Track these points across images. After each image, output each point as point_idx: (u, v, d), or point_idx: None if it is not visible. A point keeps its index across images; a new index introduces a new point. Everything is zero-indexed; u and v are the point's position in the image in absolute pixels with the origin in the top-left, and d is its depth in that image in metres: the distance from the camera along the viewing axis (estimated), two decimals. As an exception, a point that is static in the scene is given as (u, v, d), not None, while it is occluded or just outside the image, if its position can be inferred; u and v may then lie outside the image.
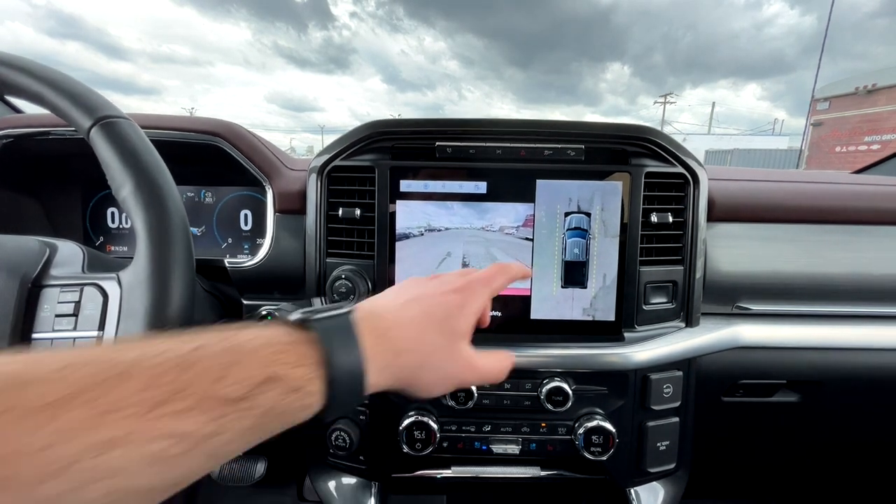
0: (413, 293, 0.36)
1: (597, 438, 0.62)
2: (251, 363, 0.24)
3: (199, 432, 0.22)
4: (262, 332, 0.27)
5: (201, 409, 0.22)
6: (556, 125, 0.65)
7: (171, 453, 0.21)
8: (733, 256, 0.70)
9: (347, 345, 0.28)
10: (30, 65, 0.43)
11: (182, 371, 0.22)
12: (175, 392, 0.21)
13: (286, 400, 0.25)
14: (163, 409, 0.21)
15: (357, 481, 0.72)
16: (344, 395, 0.28)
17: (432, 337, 0.33)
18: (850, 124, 17.64)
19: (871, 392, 0.74)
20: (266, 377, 0.24)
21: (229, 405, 0.23)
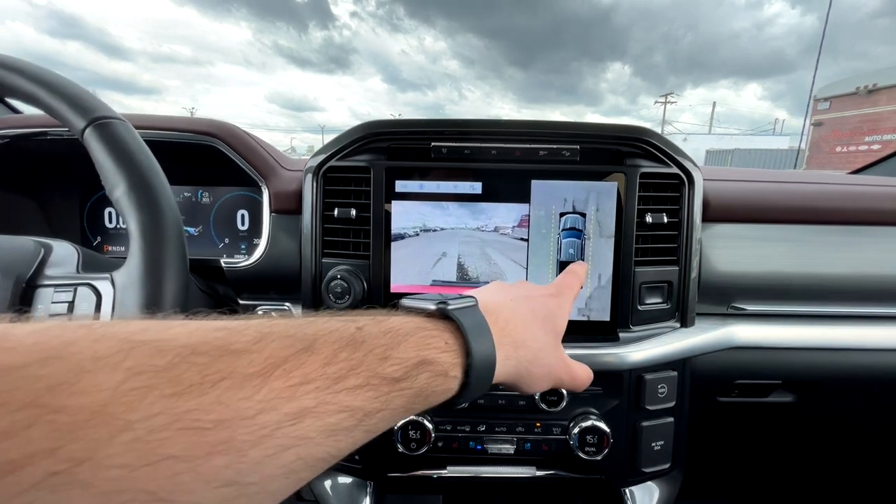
0: (518, 292, 0.38)
1: (591, 438, 0.63)
2: (408, 346, 0.26)
3: (368, 407, 0.23)
4: (411, 319, 0.29)
5: (371, 387, 0.24)
6: (552, 126, 0.65)
7: (345, 426, 0.22)
8: (728, 257, 0.70)
9: (482, 335, 0.30)
10: (25, 66, 0.44)
11: (354, 349, 0.24)
12: (350, 369, 0.23)
13: (434, 382, 0.27)
14: (343, 383, 0.22)
15: (353, 481, 0.72)
16: (478, 381, 0.29)
17: (541, 334, 0.36)
18: (850, 124, 17.63)
19: (865, 392, 0.74)
20: (420, 360, 0.26)
21: (392, 384, 0.25)
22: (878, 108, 16.77)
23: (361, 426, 0.24)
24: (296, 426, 0.20)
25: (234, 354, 0.20)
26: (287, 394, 0.20)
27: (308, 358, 0.22)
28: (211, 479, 0.18)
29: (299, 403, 0.21)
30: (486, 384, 0.30)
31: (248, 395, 0.19)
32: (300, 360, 0.22)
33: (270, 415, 0.20)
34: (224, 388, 0.19)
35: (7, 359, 0.15)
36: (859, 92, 17.26)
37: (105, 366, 0.17)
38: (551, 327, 0.37)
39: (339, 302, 0.64)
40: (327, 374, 0.22)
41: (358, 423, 0.23)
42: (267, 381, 0.20)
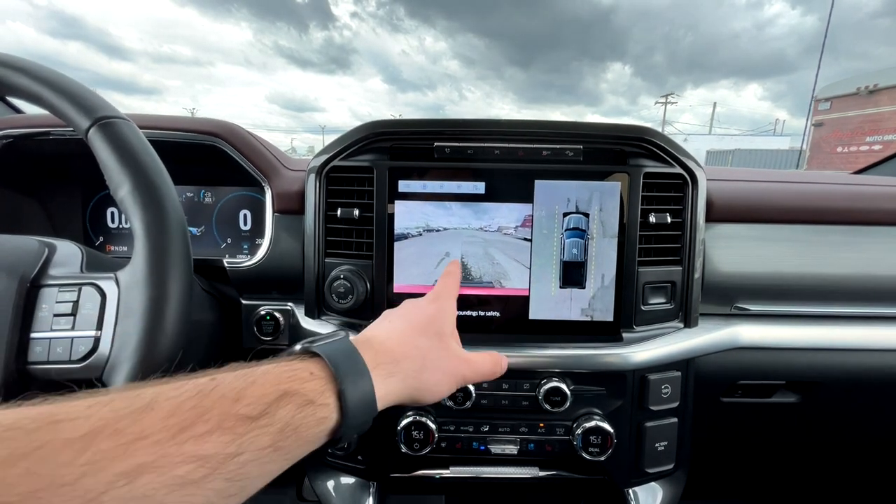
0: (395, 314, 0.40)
1: (595, 439, 0.62)
2: (265, 382, 0.25)
3: (221, 453, 0.22)
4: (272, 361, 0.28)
5: (222, 430, 0.22)
6: (555, 125, 0.65)
7: (195, 477, 0.21)
8: (732, 257, 0.70)
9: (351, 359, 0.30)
10: (29, 65, 0.43)
11: (202, 398, 0.23)
12: (197, 416, 0.22)
13: (301, 413, 0.26)
14: (187, 433, 0.21)
15: (355, 481, 0.72)
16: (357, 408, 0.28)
17: (423, 341, 0.36)
18: (851, 124, 17.61)
19: (869, 392, 0.74)
20: (281, 393, 0.25)
21: (248, 423, 0.23)
22: (880, 108, 16.75)
23: (218, 474, 0.22)
24: (130, 486, 0.19)
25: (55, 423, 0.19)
26: (117, 452, 0.19)
27: (146, 414, 0.21)
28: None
29: (134, 461, 0.19)
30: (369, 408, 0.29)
31: (68, 460, 0.18)
32: (135, 417, 0.21)
33: (97, 477, 0.18)
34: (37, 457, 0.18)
35: None
36: (860, 92, 17.24)
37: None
38: (434, 331, 0.37)
39: (342, 302, 0.64)
40: (168, 426, 0.21)
41: (212, 472, 0.22)
42: (92, 442, 0.19)
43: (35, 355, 0.43)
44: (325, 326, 0.67)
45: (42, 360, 0.43)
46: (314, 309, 0.68)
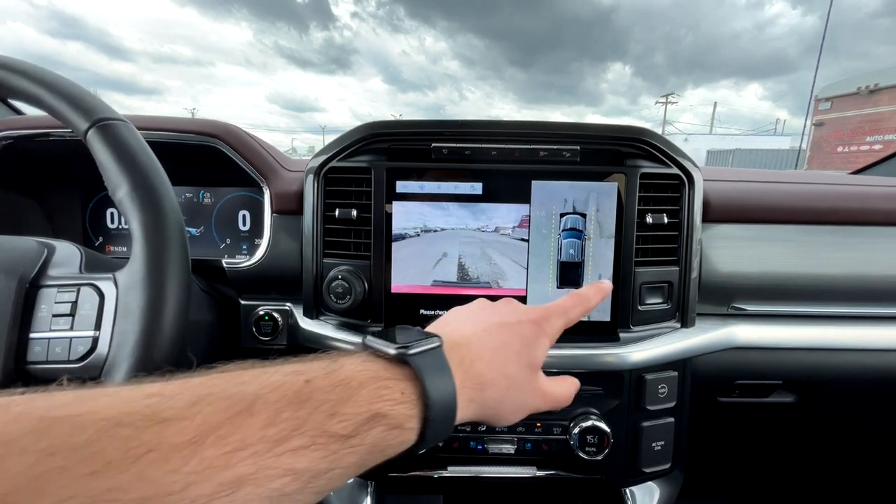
0: (492, 320, 0.36)
1: (592, 438, 0.63)
2: (359, 400, 0.25)
3: (315, 468, 0.22)
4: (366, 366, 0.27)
5: (316, 447, 0.22)
6: (552, 126, 0.65)
7: (289, 490, 0.21)
8: (729, 257, 0.70)
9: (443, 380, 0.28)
10: (28, 67, 0.44)
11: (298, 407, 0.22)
12: (294, 429, 0.22)
13: (388, 436, 0.26)
14: (284, 445, 0.21)
15: (353, 480, 0.72)
16: (437, 431, 0.28)
17: (513, 369, 0.33)
18: (852, 124, 17.60)
19: (867, 392, 0.74)
20: (372, 414, 0.25)
21: (341, 442, 0.23)
22: (880, 108, 16.74)
23: (309, 488, 0.22)
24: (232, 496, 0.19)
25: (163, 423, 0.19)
26: (221, 462, 0.19)
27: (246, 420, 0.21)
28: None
29: (235, 471, 0.20)
30: (446, 431, 0.29)
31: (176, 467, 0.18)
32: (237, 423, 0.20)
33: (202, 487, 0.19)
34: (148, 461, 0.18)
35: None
36: (860, 92, 17.23)
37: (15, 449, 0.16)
38: (526, 360, 0.35)
39: (341, 302, 0.64)
40: (267, 437, 0.21)
41: (304, 486, 0.22)
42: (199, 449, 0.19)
43: (34, 355, 0.43)
44: (323, 327, 0.67)
45: (41, 359, 0.43)
46: (312, 309, 0.68)
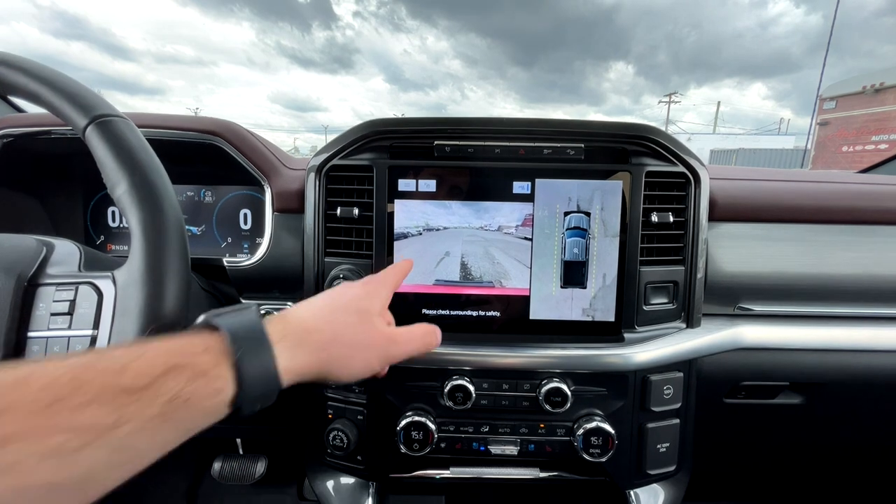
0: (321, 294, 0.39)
1: (596, 440, 0.62)
2: (154, 356, 0.25)
3: (100, 424, 0.22)
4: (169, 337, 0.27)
5: (100, 402, 0.22)
6: (556, 124, 0.64)
7: (71, 447, 0.21)
8: (735, 256, 0.69)
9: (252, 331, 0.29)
10: (28, 64, 0.43)
11: (83, 370, 0.22)
12: (74, 389, 0.22)
13: (193, 385, 0.25)
14: (61, 404, 0.21)
15: (355, 481, 0.72)
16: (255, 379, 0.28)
17: (341, 316, 0.35)
18: (857, 123, 17.48)
19: (875, 394, 0.73)
20: (170, 366, 0.25)
21: (131, 394, 0.23)
22: (885, 107, 16.62)
23: (100, 444, 0.22)
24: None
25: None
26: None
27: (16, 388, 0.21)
28: None
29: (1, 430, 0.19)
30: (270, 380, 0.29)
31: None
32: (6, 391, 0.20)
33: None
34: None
35: None
36: (866, 91, 17.11)
37: None
38: (355, 308, 0.37)
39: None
40: (39, 399, 0.21)
41: (91, 441, 0.21)
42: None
43: (32, 354, 0.43)
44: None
45: (40, 359, 0.43)
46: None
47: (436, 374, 0.64)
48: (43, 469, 0.20)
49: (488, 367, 0.63)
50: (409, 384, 0.65)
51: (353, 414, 0.67)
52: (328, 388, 0.68)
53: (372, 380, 0.65)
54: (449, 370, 0.63)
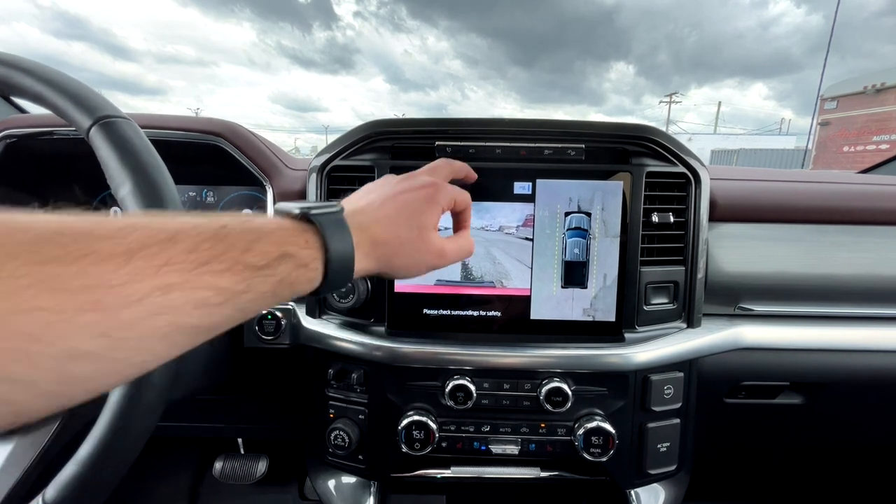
0: (388, 192, 0.43)
1: (596, 439, 0.62)
2: (269, 241, 0.30)
3: (233, 289, 0.27)
4: (274, 220, 0.33)
5: (233, 272, 0.27)
6: (557, 124, 0.65)
7: (213, 302, 0.26)
8: (735, 257, 0.69)
9: (341, 235, 0.35)
10: (31, 65, 0.44)
11: (216, 242, 0.27)
12: (213, 257, 0.26)
13: (296, 273, 0.31)
14: (206, 268, 0.26)
15: (356, 481, 0.72)
16: (338, 274, 0.34)
17: (402, 231, 0.40)
18: (858, 123, 17.46)
19: (876, 394, 0.73)
20: (281, 253, 0.30)
21: (255, 271, 0.28)
22: (886, 107, 16.60)
23: (231, 304, 0.27)
24: (165, 297, 0.24)
25: (96, 238, 0.23)
26: (151, 272, 0.23)
27: (171, 246, 0.25)
28: (84, 331, 0.21)
29: (165, 279, 0.24)
30: (346, 276, 0.35)
31: (113, 269, 0.22)
32: (163, 247, 0.24)
33: (137, 287, 0.23)
34: (88, 262, 0.22)
35: None
36: (867, 91, 17.09)
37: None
38: (417, 222, 0.41)
39: (343, 301, 0.64)
40: (190, 259, 0.25)
41: (226, 301, 0.27)
42: (131, 260, 0.23)
43: None
44: (326, 326, 0.67)
45: None
46: (315, 308, 0.68)
47: (437, 373, 0.65)
48: (194, 314, 0.25)
49: (489, 367, 0.63)
50: (411, 384, 0.66)
51: (355, 413, 0.67)
52: (330, 387, 0.68)
53: (373, 379, 0.65)
54: (450, 370, 0.64)
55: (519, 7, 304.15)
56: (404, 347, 0.63)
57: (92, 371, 0.22)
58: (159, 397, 0.42)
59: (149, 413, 0.41)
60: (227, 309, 0.27)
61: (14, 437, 0.45)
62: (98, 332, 0.21)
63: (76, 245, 0.22)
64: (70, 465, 0.39)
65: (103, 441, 0.39)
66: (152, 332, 0.24)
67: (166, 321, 0.24)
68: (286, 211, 0.35)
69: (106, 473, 0.40)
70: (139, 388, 0.40)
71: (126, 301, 0.22)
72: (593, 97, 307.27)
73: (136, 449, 0.41)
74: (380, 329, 0.65)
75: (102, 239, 0.23)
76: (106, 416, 0.40)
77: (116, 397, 0.40)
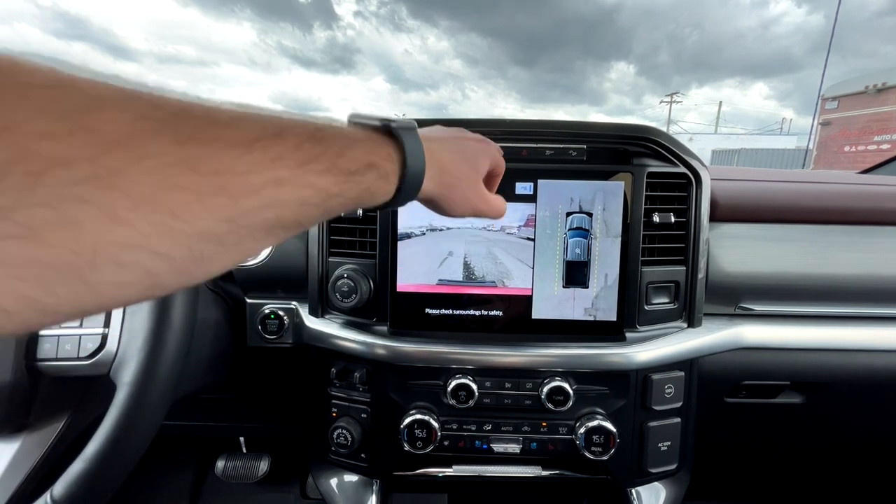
0: (451, 133, 0.46)
1: (597, 438, 0.62)
2: (360, 149, 0.31)
3: (329, 190, 0.28)
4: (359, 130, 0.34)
5: (331, 174, 0.28)
6: (558, 125, 0.65)
7: (313, 201, 0.27)
8: (736, 257, 0.70)
9: (417, 154, 0.36)
10: None
11: (315, 143, 0.28)
12: (314, 157, 0.27)
13: (378, 182, 0.33)
14: (308, 166, 0.27)
15: (358, 479, 0.72)
16: (409, 189, 0.36)
17: (464, 167, 0.43)
18: (859, 123, 17.44)
19: (876, 394, 0.73)
20: (369, 163, 0.31)
21: (347, 175, 0.29)
22: (888, 107, 16.57)
23: (324, 205, 0.28)
24: (277, 190, 0.25)
25: (218, 125, 0.23)
26: (267, 165, 0.24)
27: (280, 142, 0.26)
28: (213, 213, 0.22)
29: (278, 174, 0.25)
30: (414, 193, 0.37)
31: (238, 156, 0.23)
32: (274, 140, 0.25)
33: (257, 177, 0.24)
34: (217, 147, 0.22)
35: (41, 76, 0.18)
36: (868, 91, 17.06)
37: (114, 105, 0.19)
38: (474, 166, 0.44)
39: (346, 301, 0.64)
40: (296, 157, 0.26)
41: (322, 202, 0.28)
42: (250, 150, 0.24)
43: (44, 352, 0.43)
44: (328, 326, 0.67)
45: (51, 356, 0.44)
46: (318, 308, 0.68)
47: (439, 372, 0.65)
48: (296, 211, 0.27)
49: (491, 366, 0.64)
50: (413, 383, 0.66)
51: (357, 412, 0.67)
52: (332, 386, 0.69)
53: (375, 378, 0.66)
54: (452, 369, 0.64)
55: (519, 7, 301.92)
56: (406, 346, 0.63)
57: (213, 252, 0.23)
58: (165, 396, 0.42)
59: (155, 411, 0.42)
60: (320, 210, 0.29)
61: (21, 435, 0.46)
62: (223, 217, 0.23)
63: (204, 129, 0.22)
64: (77, 462, 0.40)
65: (110, 438, 0.40)
66: (262, 222, 0.25)
67: (274, 214, 0.25)
68: (363, 121, 0.35)
69: (113, 471, 0.40)
70: (145, 387, 0.41)
71: (248, 190, 0.23)
72: (594, 97, 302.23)
73: (143, 446, 0.42)
74: (382, 328, 0.66)
75: (225, 126, 0.23)
76: (112, 415, 0.40)
77: (123, 395, 0.40)
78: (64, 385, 0.47)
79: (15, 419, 0.45)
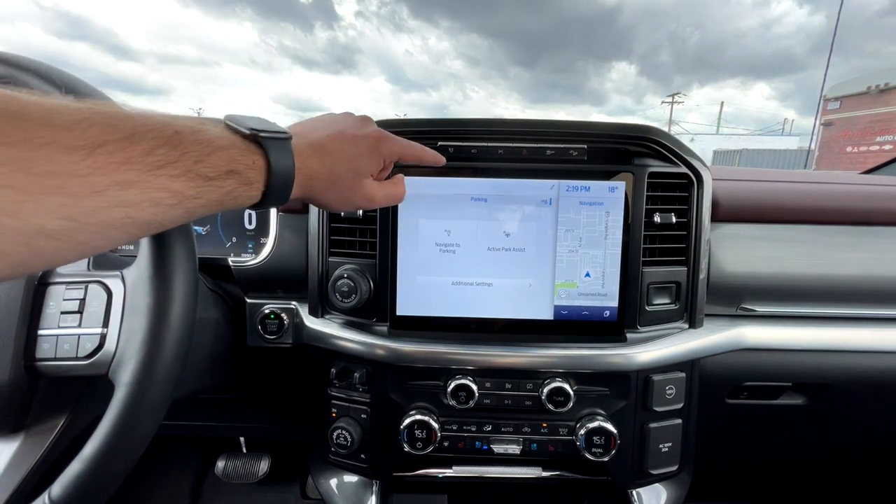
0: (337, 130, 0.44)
1: (598, 439, 0.62)
2: (220, 157, 0.32)
3: (185, 193, 0.30)
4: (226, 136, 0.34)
5: (187, 178, 0.30)
6: (559, 125, 0.65)
7: (167, 203, 0.29)
8: (738, 257, 0.69)
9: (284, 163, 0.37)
10: (37, 65, 0.44)
11: (172, 148, 0.29)
12: (168, 162, 0.28)
13: (240, 189, 0.34)
14: (161, 171, 0.28)
15: (358, 480, 0.72)
16: (276, 195, 0.37)
17: (339, 171, 0.43)
18: (861, 124, 17.39)
19: (878, 395, 0.73)
20: (230, 169, 0.33)
21: (205, 181, 0.31)
22: (890, 107, 16.52)
23: (182, 206, 0.30)
24: (123, 192, 0.26)
25: (56, 128, 0.24)
26: (112, 168, 0.25)
27: (129, 146, 0.27)
28: (50, 211, 0.23)
29: (124, 176, 0.26)
30: (283, 199, 0.38)
31: (76, 160, 0.24)
32: (121, 145, 0.26)
33: (99, 179, 0.25)
34: (51, 150, 0.23)
35: None
36: (870, 91, 17.01)
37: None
38: (353, 167, 0.44)
39: (346, 301, 0.64)
40: (147, 162, 0.27)
41: (178, 204, 0.29)
42: (92, 154, 0.25)
43: (42, 352, 0.43)
44: (328, 326, 0.67)
45: (49, 356, 0.43)
46: (318, 308, 0.68)
47: (439, 373, 0.65)
48: (149, 211, 0.28)
49: (491, 367, 0.63)
50: (413, 383, 0.66)
51: (357, 413, 0.67)
52: (332, 387, 0.69)
53: (375, 379, 0.66)
54: (452, 370, 0.64)
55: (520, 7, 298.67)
56: (406, 347, 0.63)
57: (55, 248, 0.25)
58: (164, 396, 0.42)
59: (154, 411, 0.41)
60: (179, 210, 0.30)
61: (20, 435, 0.46)
62: (63, 215, 0.24)
63: (39, 132, 0.23)
64: (75, 462, 0.40)
65: (108, 439, 0.39)
66: (111, 221, 0.26)
67: (124, 213, 0.26)
68: (237, 126, 0.36)
69: (111, 471, 0.40)
70: (144, 387, 0.40)
71: (91, 190, 0.25)
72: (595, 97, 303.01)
73: (142, 447, 0.42)
74: (382, 328, 0.65)
75: (63, 130, 0.24)
76: (111, 415, 0.40)
77: (121, 395, 0.40)
78: (62, 385, 0.47)
79: (13, 419, 0.45)
